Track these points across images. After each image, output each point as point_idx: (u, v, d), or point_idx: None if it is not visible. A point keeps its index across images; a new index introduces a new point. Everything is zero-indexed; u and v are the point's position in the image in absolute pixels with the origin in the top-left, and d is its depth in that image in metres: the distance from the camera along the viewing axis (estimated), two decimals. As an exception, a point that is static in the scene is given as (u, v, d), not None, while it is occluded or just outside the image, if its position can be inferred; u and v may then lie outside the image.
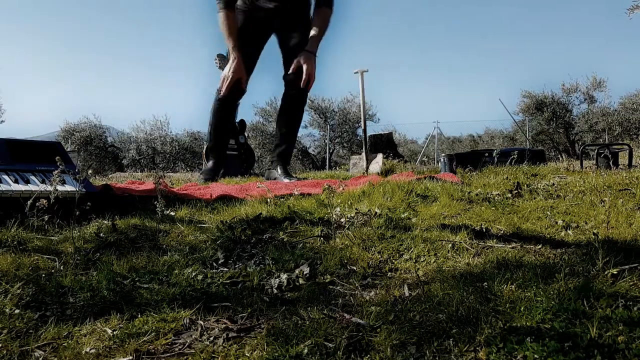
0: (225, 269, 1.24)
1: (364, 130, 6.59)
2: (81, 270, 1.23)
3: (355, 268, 1.23)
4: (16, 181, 1.79)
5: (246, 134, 6.69)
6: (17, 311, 0.96)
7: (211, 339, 0.87)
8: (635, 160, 3.80)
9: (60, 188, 1.79)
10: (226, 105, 3.22)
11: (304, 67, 2.93)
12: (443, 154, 3.36)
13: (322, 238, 1.50)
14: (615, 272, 1.02)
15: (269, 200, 2.03)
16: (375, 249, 1.38)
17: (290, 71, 2.98)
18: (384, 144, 7.48)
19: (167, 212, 1.84)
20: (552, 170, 2.99)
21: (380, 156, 6.25)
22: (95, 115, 15.71)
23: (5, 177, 1.79)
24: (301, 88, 2.99)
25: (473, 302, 0.92)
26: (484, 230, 1.50)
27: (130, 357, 0.81)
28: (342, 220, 1.66)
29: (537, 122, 14.27)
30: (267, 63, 3.36)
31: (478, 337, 0.79)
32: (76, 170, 1.91)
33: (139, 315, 0.97)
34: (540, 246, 1.32)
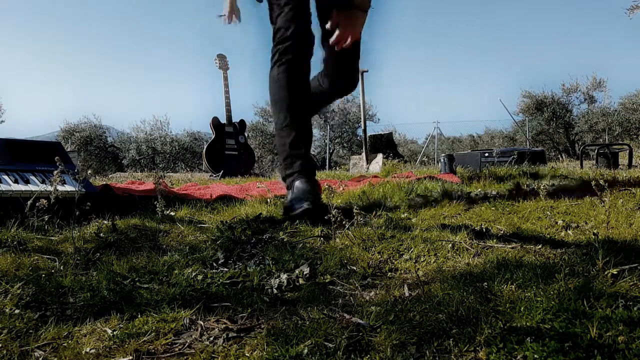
0: (225, 269, 1.24)
1: (364, 130, 6.60)
2: (81, 270, 1.23)
3: (355, 268, 1.23)
4: (16, 181, 1.79)
5: (246, 134, 6.68)
6: (17, 311, 0.96)
7: (211, 339, 0.87)
8: (635, 160, 3.80)
9: (60, 188, 1.79)
10: (294, 67, 2.03)
11: (340, 23, 2.01)
12: (443, 154, 3.36)
13: (322, 238, 1.50)
14: (615, 272, 1.02)
15: (269, 200, 2.03)
16: (375, 249, 1.38)
17: (328, 27, 2.02)
18: (384, 144, 7.49)
19: (167, 212, 1.84)
20: (551, 170, 2.99)
21: (380, 156, 6.25)
22: (95, 115, 15.76)
23: (5, 177, 1.79)
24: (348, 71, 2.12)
25: (473, 302, 0.92)
26: (484, 230, 1.50)
27: (130, 357, 0.81)
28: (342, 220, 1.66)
29: (537, 122, 14.28)
30: (267, 62, 3.28)
31: (478, 337, 0.79)
32: (76, 170, 1.91)
33: (139, 315, 0.97)
34: (540, 246, 1.32)
